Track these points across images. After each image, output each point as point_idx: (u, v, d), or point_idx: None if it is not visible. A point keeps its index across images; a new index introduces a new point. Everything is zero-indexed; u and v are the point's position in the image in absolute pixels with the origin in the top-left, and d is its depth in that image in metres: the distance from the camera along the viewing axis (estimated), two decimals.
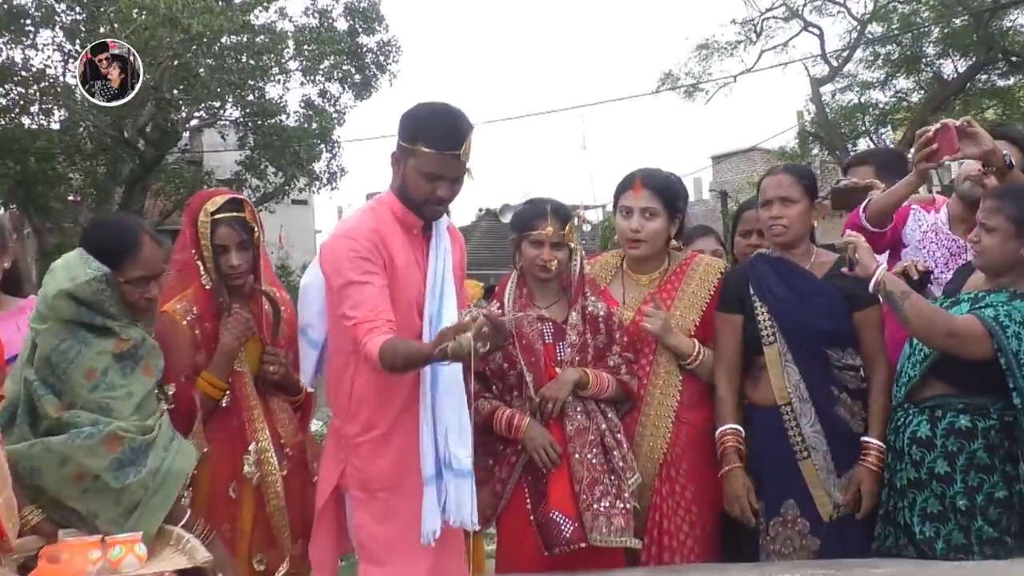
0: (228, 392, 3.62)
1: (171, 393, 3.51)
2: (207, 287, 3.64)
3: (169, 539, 3.16)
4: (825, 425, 3.74)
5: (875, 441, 3.70)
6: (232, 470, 3.59)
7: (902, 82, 22.12)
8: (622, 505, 3.63)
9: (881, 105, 22.18)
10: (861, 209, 4.10)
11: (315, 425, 4.18)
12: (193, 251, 3.65)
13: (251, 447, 3.60)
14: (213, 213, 3.61)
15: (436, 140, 3.32)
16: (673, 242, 4.12)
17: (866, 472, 3.69)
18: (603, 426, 3.74)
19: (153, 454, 3.23)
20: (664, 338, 3.91)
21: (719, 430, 3.84)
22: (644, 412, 3.92)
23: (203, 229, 3.61)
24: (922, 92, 21.62)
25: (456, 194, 3.44)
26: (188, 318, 3.62)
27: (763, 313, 3.84)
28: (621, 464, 3.70)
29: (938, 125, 3.75)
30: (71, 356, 3.25)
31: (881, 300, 3.67)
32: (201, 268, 3.64)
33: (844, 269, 3.65)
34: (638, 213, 3.96)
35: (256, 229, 3.69)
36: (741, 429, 3.83)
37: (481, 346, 3.00)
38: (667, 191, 4.00)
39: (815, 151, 23.22)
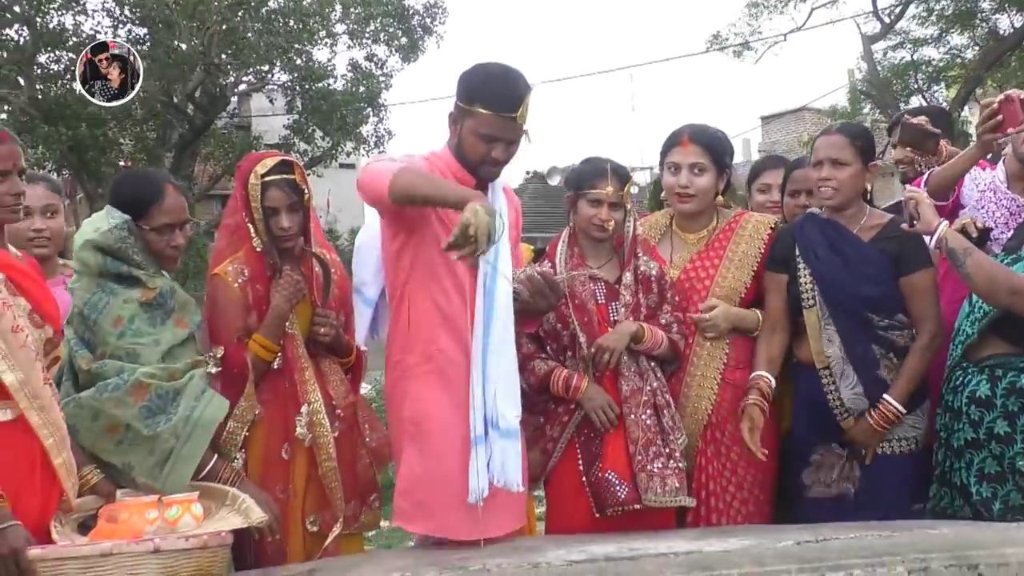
0: (279, 354, 3.64)
1: (220, 356, 3.54)
2: (258, 249, 3.66)
3: (224, 499, 3.19)
4: (867, 387, 3.72)
5: (891, 400, 3.67)
6: (284, 432, 3.61)
7: (956, 38, 21.68)
8: (675, 465, 3.64)
9: (934, 62, 21.76)
10: (923, 182, 4.07)
11: (365, 388, 4.19)
12: (244, 214, 3.67)
13: (303, 409, 3.61)
14: (263, 175, 3.62)
15: (494, 102, 3.31)
16: (720, 199, 4.09)
17: (866, 426, 3.70)
18: (654, 385, 3.74)
19: (183, 402, 3.27)
20: (728, 327, 3.92)
21: (752, 375, 3.85)
22: (690, 373, 3.92)
23: (253, 191, 3.62)
24: (976, 48, 21.17)
25: (512, 156, 3.43)
26: (239, 280, 3.63)
27: (805, 275, 3.82)
28: (670, 424, 3.71)
29: (1002, 97, 3.72)
30: (100, 307, 3.32)
31: (935, 261, 3.62)
32: (252, 230, 3.65)
33: (904, 225, 3.60)
34: (687, 169, 3.94)
35: (306, 191, 3.70)
36: (771, 378, 3.83)
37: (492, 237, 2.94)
38: (715, 146, 3.98)
39: (866, 110, 22.89)
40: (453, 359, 3.41)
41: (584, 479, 3.69)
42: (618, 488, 3.60)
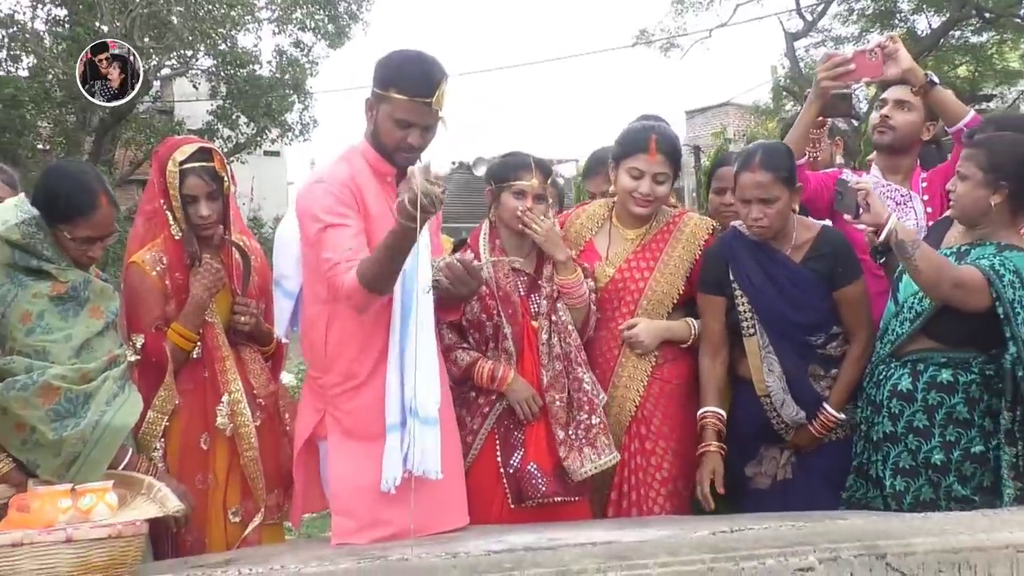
0: (199, 343, 3.60)
1: (140, 345, 3.50)
2: (176, 237, 3.61)
3: (140, 488, 3.15)
4: (807, 408, 3.78)
5: (829, 410, 3.76)
6: (204, 422, 3.58)
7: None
8: (597, 420, 3.73)
9: None
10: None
11: (286, 377, 4.17)
12: (162, 201, 3.62)
13: (224, 398, 3.59)
14: (182, 163, 3.57)
15: (408, 87, 3.28)
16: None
17: (806, 434, 3.80)
18: (572, 347, 3.81)
19: (94, 407, 3.18)
20: (655, 343, 3.93)
21: (700, 411, 3.85)
22: (617, 373, 3.94)
23: (171, 179, 3.57)
24: None
25: (428, 143, 3.41)
26: (158, 268, 3.59)
27: (743, 303, 3.82)
28: (589, 391, 3.77)
29: (860, 48, 3.94)
30: (8, 300, 3.20)
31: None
32: (170, 218, 3.61)
33: (847, 216, 3.59)
34: (650, 178, 3.90)
35: (225, 179, 3.65)
36: (722, 412, 3.84)
37: (439, 190, 2.90)
38: (677, 155, 3.98)
39: (789, 106, 23.18)
40: (374, 370, 3.39)
41: (502, 470, 3.71)
42: (539, 481, 3.64)
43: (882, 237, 3.48)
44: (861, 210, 3.52)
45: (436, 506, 3.39)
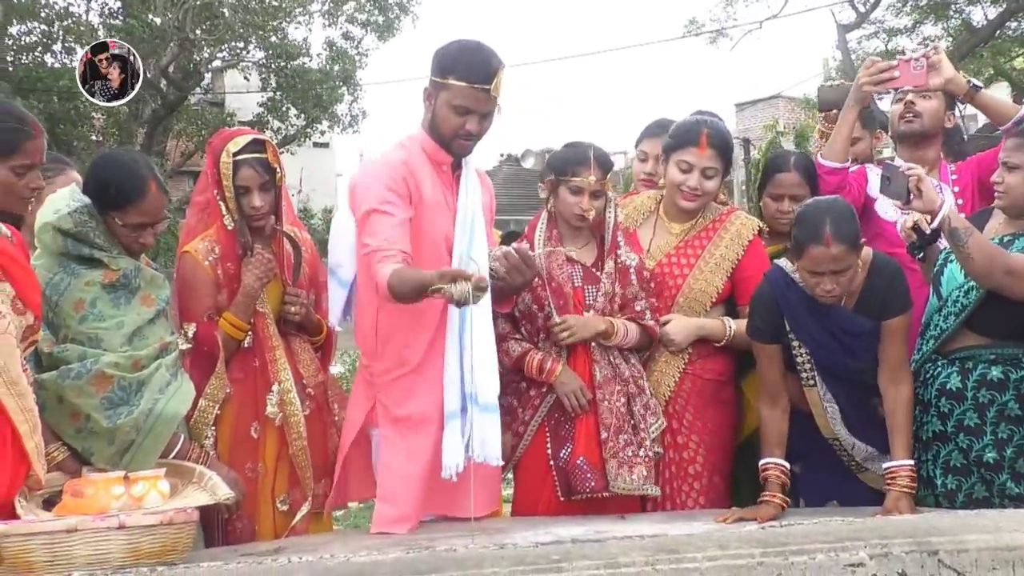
0: (250, 333, 3.64)
1: (192, 333, 3.53)
2: (229, 228, 3.64)
3: (191, 476, 3.19)
4: (879, 446, 3.63)
5: (903, 462, 3.48)
6: (254, 410, 3.61)
7: (930, 29, 21.75)
8: (644, 453, 3.66)
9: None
10: (819, 156, 4.13)
11: (335, 367, 4.19)
12: (215, 191, 3.65)
13: (273, 387, 3.62)
14: (235, 154, 3.60)
15: (467, 74, 3.38)
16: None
17: (899, 496, 3.44)
18: (627, 373, 3.75)
19: (147, 395, 3.22)
20: (687, 341, 3.89)
21: (763, 461, 3.64)
22: (650, 366, 3.92)
23: (225, 169, 3.60)
24: (950, 39, 21.28)
25: (485, 130, 3.49)
26: (210, 258, 3.62)
27: (802, 354, 3.66)
28: (642, 412, 3.72)
29: (905, 58, 3.95)
30: (61, 288, 3.25)
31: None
32: (223, 208, 3.64)
33: (898, 203, 3.53)
34: (699, 172, 3.89)
35: (278, 170, 3.68)
36: (786, 464, 3.62)
37: (480, 294, 2.95)
38: (728, 151, 3.95)
39: None
40: (425, 357, 3.46)
41: (552, 463, 3.70)
42: (588, 475, 3.62)
43: (935, 223, 3.42)
44: (912, 196, 3.45)
45: (476, 491, 3.38)
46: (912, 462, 3.48)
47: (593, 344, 3.74)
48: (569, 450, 3.68)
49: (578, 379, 3.71)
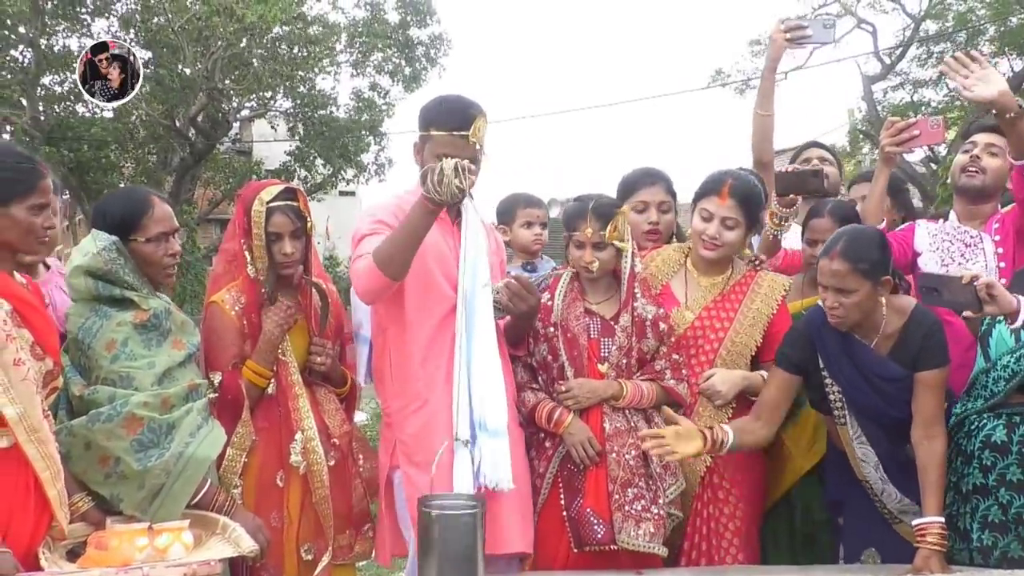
0: (273, 380, 3.64)
1: (218, 382, 3.53)
2: (252, 276, 3.66)
3: (215, 527, 3.18)
4: (911, 495, 3.58)
5: (933, 519, 3.41)
6: (279, 459, 3.60)
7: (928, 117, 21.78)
8: (656, 511, 3.62)
9: (934, 104, 21.85)
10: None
11: (358, 416, 4.19)
12: (242, 240, 3.67)
13: (297, 436, 3.61)
14: (268, 201, 3.63)
15: (446, 122, 3.56)
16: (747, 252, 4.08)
17: (928, 554, 3.38)
18: (643, 430, 3.70)
19: (178, 437, 3.22)
20: (732, 393, 3.86)
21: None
22: (696, 420, 3.83)
23: (257, 217, 3.62)
24: None
25: (473, 177, 3.52)
26: (236, 308, 3.63)
27: (835, 392, 3.65)
28: (659, 470, 3.69)
29: (921, 119, 4.01)
30: (94, 331, 3.27)
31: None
32: (248, 257, 3.66)
33: (968, 313, 3.49)
34: (718, 221, 3.88)
35: (308, 219, 3.72)
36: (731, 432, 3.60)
37: (458, 182, 3.16)
38: (751, 203, 3.90)
39: (866, 149, 22.98)
40: (436, 391, 3.54)
41: (565, 513, 3.68)
42: (596, 526, 3.60)
43: (1017, 324, 3.39)
44: (984, 304, 3.37)
45: (503, 527, 3.46)
46: (942, 519, 3.42)
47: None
48: (580, 501, 3.66)
49: (587, 430, 3.69)
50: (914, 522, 3.46)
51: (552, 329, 3.77)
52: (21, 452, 2.85)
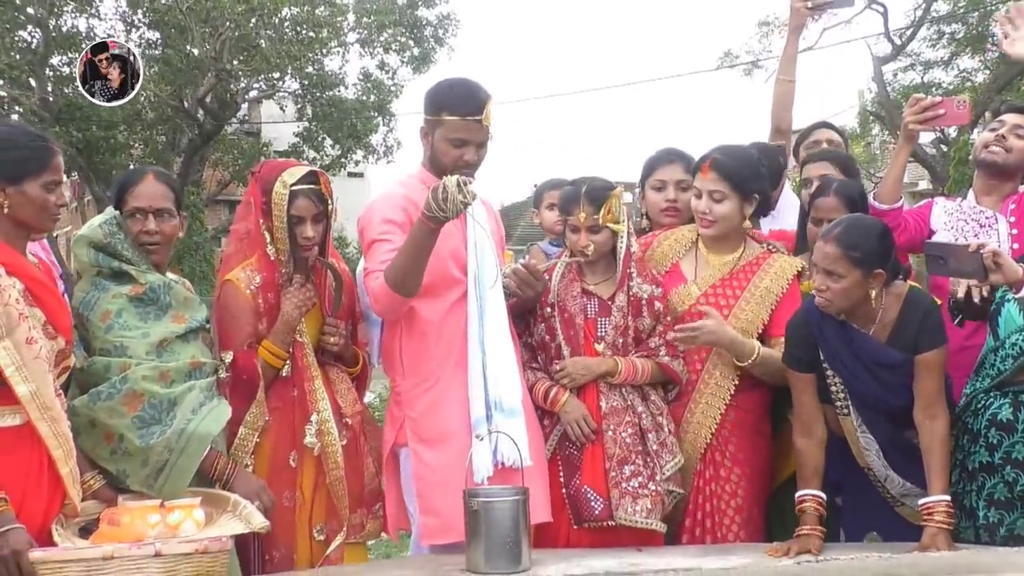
0: (288, 362, 3.65)
1: (229, 361, 3.55)
2: (272, 258, 3.67)
3: (226, 505, 3.20)
4: (915, 480, 3.57)
5: (940, 498, 3.40)
6: (292, 439, 3.62)
7: (967, 61, 21.71)
8: (653, 488, 3.66)
9: (944, 85, 21.76)
10: (872, 197, 4.13)
11: (367, 396, 4.22)
12: (261, 220, 3.67)
13: (312, 417, 3.63)
14: (292, 184, 3.64)
15: (459, 107, 3.63)
16: (747, 224, 4.07)
17: (935, 532, 3.38)
18: (639, 408, 3.76)
19: (179, 414, 3.26)
20: (720, 341, 3.84)
21: (799, 493, 3.59)
22: (695, 398, 3.89)
23: (279, 199, 3.61)
24: (987, 72, 21.20)
25: (482, 159, 3.72)
26: (251, 287, 3.64)
27: (836, 383, 3.64)
28: (656, 447, 3.72)
29: (947, 99, 3.98)
30: (91, 304, 3.34)
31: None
32: (267, 238, 3.67)
33: (971, 283, 3.49)
34: (706, 195, 3.91)
35: (330, 202, 3.74)
36: (823, 496, 3.57)
37: (462, 197, 3.28)
38: (735, 174, 3.89)
39: (876, 131, 22.94)
40: (448, 371, 3.64)
41: (564, 491, 3.73)
42: (594, 503, 3.65)
43: (1022, 293, 3.40)
44: (990, 272, 3.39)
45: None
46: (948, 498, 3.43)
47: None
48: (579, 478, 3.71)
49: (582, 407, 3.73)
50: (920, 501, 3.47)
51: (549, 310, 3.84)
52: (34, 430, 2.89)
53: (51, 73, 18.97)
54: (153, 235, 3.53)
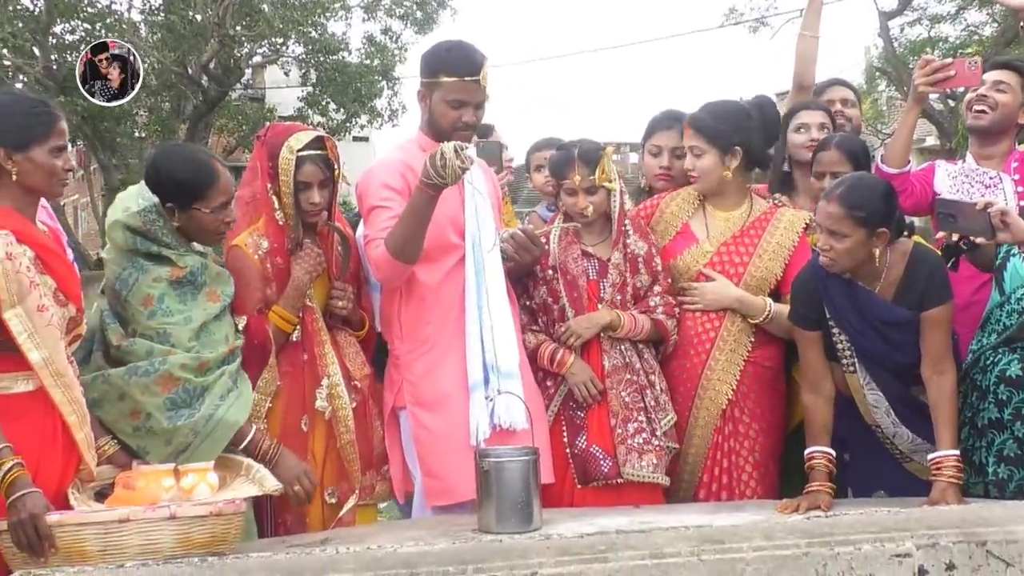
0: (298, 327, 3.66)
1: (242, 327, 3.56)
2: (280, 223, 3.67)
3: (239, 469, 3.23)
4: (924, 435, 3.58)
5: (949, 452, 3.42)
6: (303, 404, 3.63)
7: (974, 15, 21.46)
8: (656, 443, 3.72)
9: (951, 39, 21.57)
10: (879, 160, 4.10)
11: None
12: (268, 185, 3.67)
13: (323, 381, 3.64)
14: (298, 150, 3.63)
15: (457, 68, 3.67)
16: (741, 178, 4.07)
17: (945, 487, 3.39)
18: (637, 366, 3.81)
19: (208, 400, 3.27)
20: (724, 302, 3.90)
21: (808, 450, 3.60)
22: (715, 355, 3.91)
23: (286, 165, 3.61)
24: (995, 25, 21.00)
25: (480, 120, 3.76)
26: (259, 252, 3.64)
27: (843, 341, 3.63)
28: (653, 403, 3.77)
29: (959, 60, 3.97)
30: (130, 284, 3.33)
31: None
32: (276, 203, 3.66)
33: (980, 240, 3.46)
34: (689, 152, 4.00)
35: (337, 167, 3.73)
36: (832, 452, 3.58)
37: (460, 163, 3.32)
38: (711, 129, 3.94)
39: (882, 87, 22.79)
40: (446, 334, 3.68)
41: (568, 451, 3.77)
42: (602, 462, 3.70)
43: None
44: (997, 231, 3.39)
45: None
46: (957, 452, 3.44)
47: (601, 334, 3.81)
48: (584, 438, 3.76)
49: (588, 369, 3.78)
50: (929, 456, 3.49)
51: (551, 272, 3.87)
52: (47, 396, 2.91)
53: (54, 41, 18.92)
54: (233, 221, 3.57)
